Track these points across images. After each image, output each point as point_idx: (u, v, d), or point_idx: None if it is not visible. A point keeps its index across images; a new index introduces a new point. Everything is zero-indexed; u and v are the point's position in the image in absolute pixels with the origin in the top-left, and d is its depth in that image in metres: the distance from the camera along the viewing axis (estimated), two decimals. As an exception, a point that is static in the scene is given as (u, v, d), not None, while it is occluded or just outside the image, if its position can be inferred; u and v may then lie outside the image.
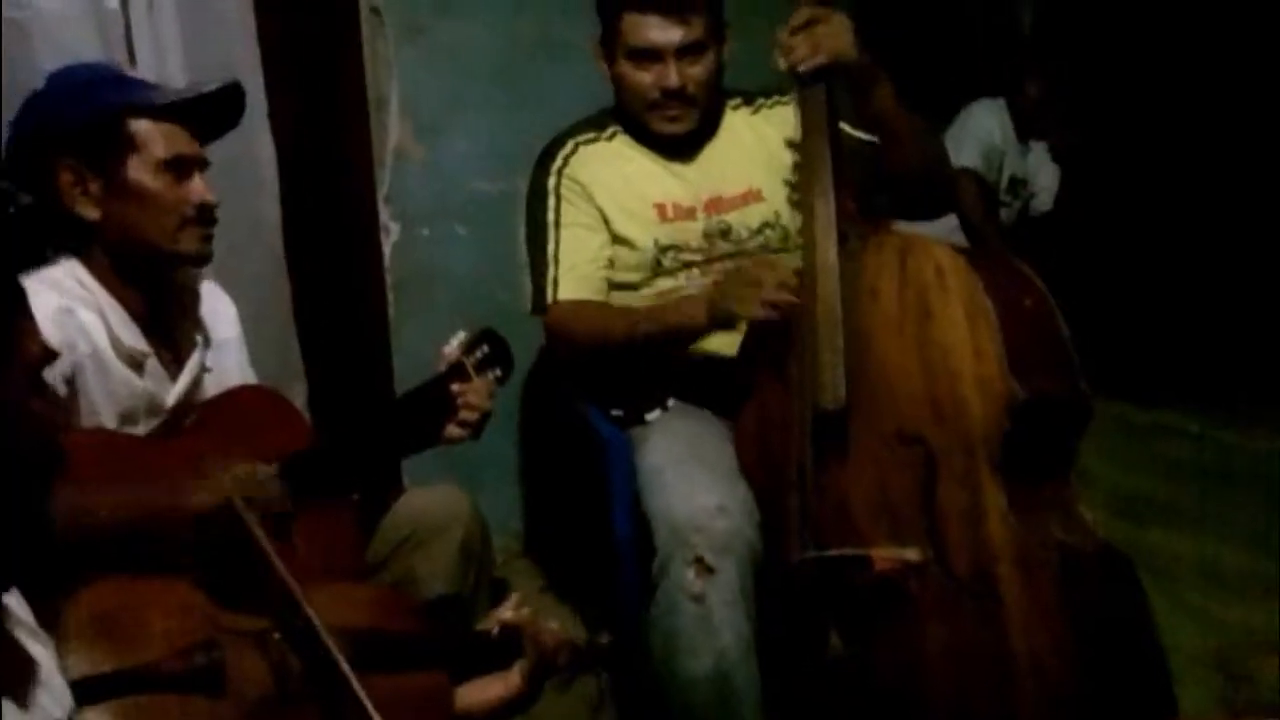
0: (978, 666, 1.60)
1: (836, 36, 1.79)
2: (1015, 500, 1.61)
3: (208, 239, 1.58)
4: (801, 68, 1.79)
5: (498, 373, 1.75)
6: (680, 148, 2.13)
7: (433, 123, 2.60)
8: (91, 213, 1.49)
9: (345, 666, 1.20)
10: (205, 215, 1.56)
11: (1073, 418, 1.70)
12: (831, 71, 1.80)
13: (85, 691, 1.06)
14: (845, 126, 1.95)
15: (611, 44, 2.08)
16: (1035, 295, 1.71)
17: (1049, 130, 3.87)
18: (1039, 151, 3.93)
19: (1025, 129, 3.82)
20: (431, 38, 2.57)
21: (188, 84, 1.74)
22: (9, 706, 0.90)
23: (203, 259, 1.60)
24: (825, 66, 1.79)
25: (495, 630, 1.53)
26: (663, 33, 2.00)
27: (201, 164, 1.57)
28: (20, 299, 0.91)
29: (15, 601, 1.01)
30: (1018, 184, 3.88)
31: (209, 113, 1.59)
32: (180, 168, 1.53)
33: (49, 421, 0.93)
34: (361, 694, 1.18)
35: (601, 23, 2.09)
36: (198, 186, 1.54)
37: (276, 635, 1.29)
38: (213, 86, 1.59)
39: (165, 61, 1.96)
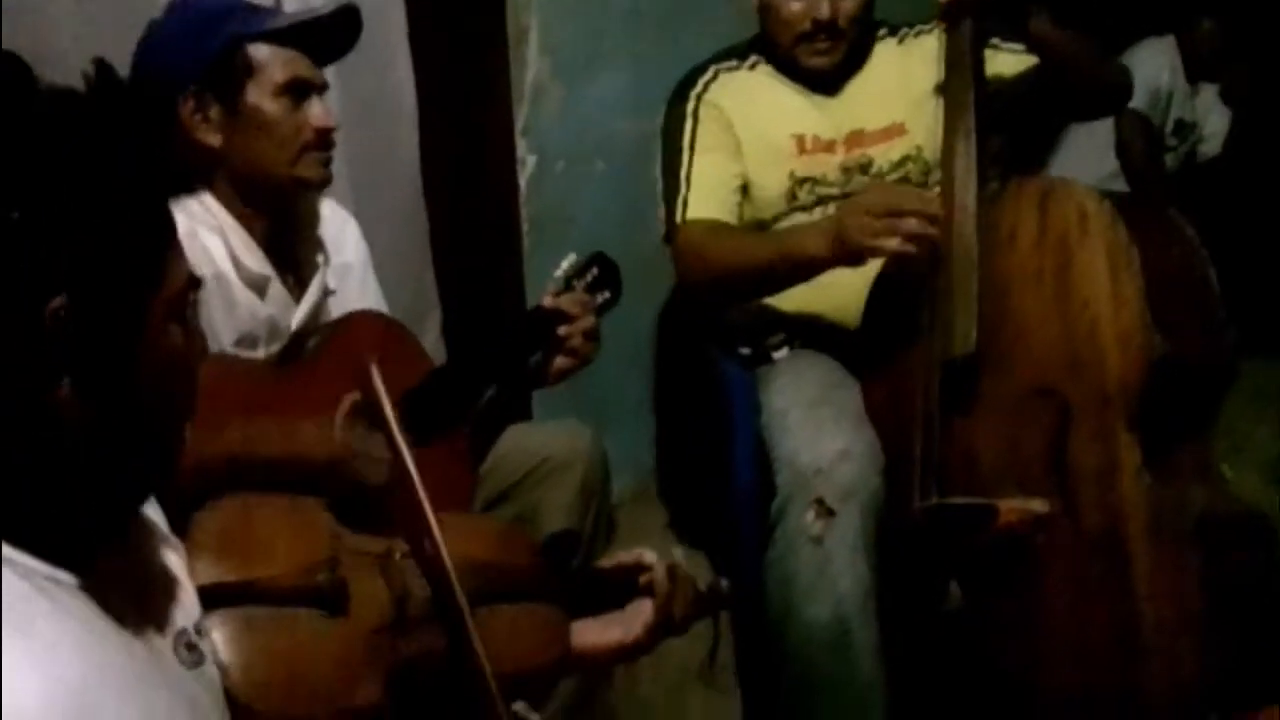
0: (1100, 629, 1.56)
1: None
2: (1151, 459, 1.54)
3: (327, 164, 1.58)
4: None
5: (606, 295, 1.74)
6: (824, 81, 2.08)
7: (572, 60, 2.58)
8: (213, 139, 1.51)
9: (463, 600, 1.20)
10: (324, 140, 1.56)
11: (1217, 376, 1.62)
12: (990, 5, 1.75)
13: (208, 599, 1.09)
14: (996, 41, 1.92)
15: None
16: (1186, 245, 1.63)
17: (1220, 72, 3.66)
18: (1209, 93, 3.73)
19: (1195, 70, 3.62)
20: (573, -27, 2.54)
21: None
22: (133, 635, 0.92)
23: (322, 184, 1.60)
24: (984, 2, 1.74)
25: (616, 568, 1.47)
26: None
27: (320, 88, 1.57)
28: (171, 226, 0.91)
29: (153, 510, 1.04)
30: (1185, 127, 3.68)
31: (327, 37, 1.58)
32: (298, 92, 1.53)
33: (190, 352, 0.93)
34: (473, 630, 1.18)
35: None
36: (317, 111, 1.55)
37: (399, 557, 1.31)
38: (327, 10, 1.58)
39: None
